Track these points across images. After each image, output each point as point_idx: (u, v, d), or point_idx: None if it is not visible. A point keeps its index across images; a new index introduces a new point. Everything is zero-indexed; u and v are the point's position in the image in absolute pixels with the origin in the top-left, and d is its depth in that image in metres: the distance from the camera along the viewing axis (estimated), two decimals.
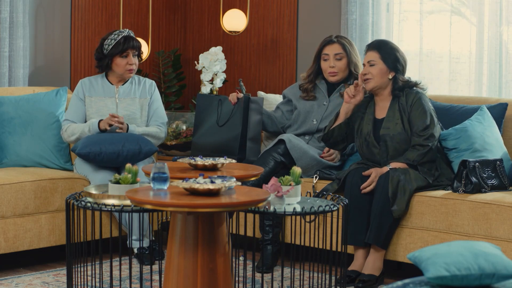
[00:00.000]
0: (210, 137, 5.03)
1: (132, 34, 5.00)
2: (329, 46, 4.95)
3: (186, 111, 5.95)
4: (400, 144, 4.46)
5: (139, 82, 5.09)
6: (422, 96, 4.49)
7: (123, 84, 5.04)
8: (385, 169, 4.40)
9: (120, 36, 4.94)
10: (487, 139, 4.49)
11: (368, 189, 4.39)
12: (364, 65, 4.57)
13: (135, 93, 5.04)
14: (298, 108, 5.03)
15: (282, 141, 4.76)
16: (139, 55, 5.05)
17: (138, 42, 5.02)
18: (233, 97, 4.99)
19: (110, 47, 4.94)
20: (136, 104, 5.01)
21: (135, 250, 4.74)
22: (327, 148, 4.82)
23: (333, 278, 3.95)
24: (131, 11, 6.14)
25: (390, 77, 4.51)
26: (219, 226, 3.34)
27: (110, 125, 4.80)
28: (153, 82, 5.14)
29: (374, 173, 4.41)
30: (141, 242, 4.13)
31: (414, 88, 4.53)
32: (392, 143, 4.47)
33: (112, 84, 5.03)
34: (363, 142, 4.56)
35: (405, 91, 4.51)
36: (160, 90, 6.19)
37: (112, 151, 4.69)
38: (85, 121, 4.96)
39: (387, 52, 4.51)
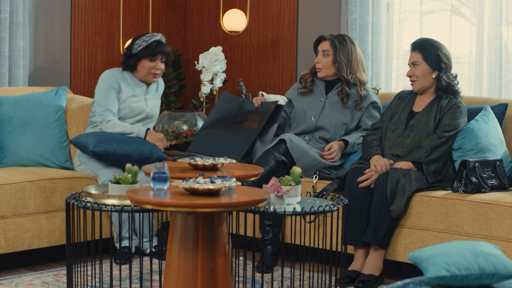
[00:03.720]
0: (221, 129, 5.00)
1: (163, 40, 5.06)
2: (321, 43, 4.99)
3: (186, 111, 5.95)
4: (422, 140, 4.48)
5: (157, 82, 5.19)
6: (462, 109, 4.53)
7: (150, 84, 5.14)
8: (385, 160, 4.43)
9: (152, 39, 4.99)
10: (491, 140, 4.49)
11: (365, 183, 4.41)
12: (409, 65, 4.61)
13: (158, 93, 5.17)
14: (295, 107, 5.03)
15: (283, 141, 4.76)
16: (167, 62, 5.09)
17: (169, 48, 5.08)
18: (257, 100, 5.03)
19: (141, 48, 4.97)
20: (158, 104, 5.15)
21: (147, 251, 4.78)
22: (327, 147, 4.83)
23: (333, 278, 3.95)
24: (131, 11, 6.14)
25: (434, 76, 4.55)
26: (219, 226, 3.34)
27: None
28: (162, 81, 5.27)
29: (372, 166, 4.44)
30: (141, 243, 4.12)
31: (459, 99, 4.57)
32: (416, 134, 4.50)
33: (141, 81, 5.09)
34: (391, 126, 4.59)
35: (449, 97, 4.54)
36: None
37: (125, 152, 4.72)
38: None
39: (430, 52, 4.54)
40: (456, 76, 4.61)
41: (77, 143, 4.79)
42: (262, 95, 5.07)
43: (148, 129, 4.96)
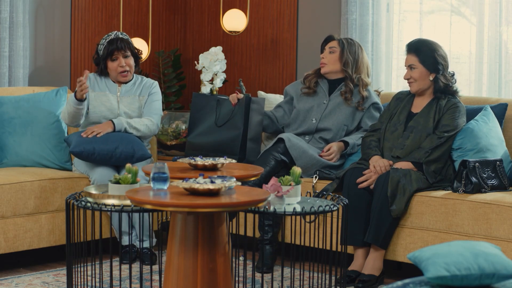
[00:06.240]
0: (208, 137, 5.01)
1: (120, 36, 4.97)
2: (330, 42, 4.99)
3: (186, 111, 5.95)
4: (421, 141, 4.48)
5: (141, 81, 5.09)
6: (461, 108, 4.54)
7: (126, 83, 5.05)
8: (384, 161, 4.43)
9: (106, 41, 4.95)
10: (491, 140, 4.49)
11: (364, 184, 4.41)
12: (405, 67, 4.62)
13: (135, 91, 5.04)
14: (298, 108, 5.03)
15: (281, 140, 4.76)
16: (134, 55, 5.03)
17: (126, 42, 4.97)
18: (233, 97, 4.98)
19: (101, 52, 4.97)
20: (136, 102, 5.01)
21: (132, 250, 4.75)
22: (326, 148, 4.82)
23: (333, 278, 3.95)
24: (131, 11, 6.14)
25: (431, 78, 4.55)
26: (219, 226, 3.34)
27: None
28: (155, 82, 5.13)
29: (371, 166, 4.44)
30: (141, 242, 4.12)
31: (458, 99, 4.57)
32: (416, 135, 4.50)
33: (114, 82, 5.04)
34: (390, 127, 4.59)
35: (448, 97, 4.55)
36: (160, 90, 6.19)
37: (106, 152, 4.69)
38: (87, 111, 4.93)
39: (426, 55, 4.54)
40: (453, 75, 4.61)
41: (66, 141, 4.81)
42: (237, 92, 5.04)
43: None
